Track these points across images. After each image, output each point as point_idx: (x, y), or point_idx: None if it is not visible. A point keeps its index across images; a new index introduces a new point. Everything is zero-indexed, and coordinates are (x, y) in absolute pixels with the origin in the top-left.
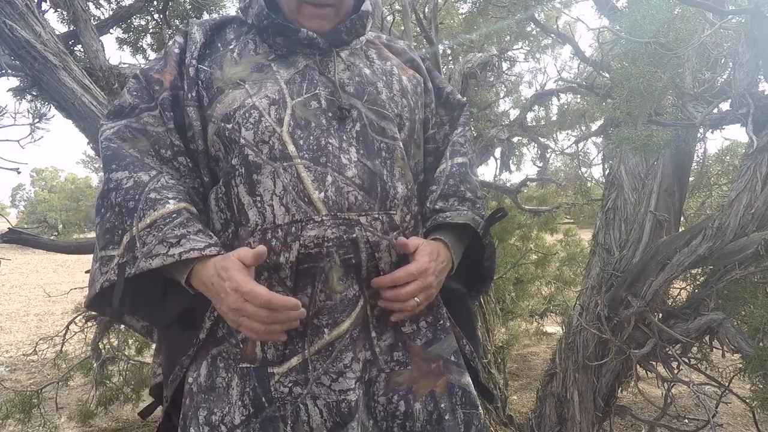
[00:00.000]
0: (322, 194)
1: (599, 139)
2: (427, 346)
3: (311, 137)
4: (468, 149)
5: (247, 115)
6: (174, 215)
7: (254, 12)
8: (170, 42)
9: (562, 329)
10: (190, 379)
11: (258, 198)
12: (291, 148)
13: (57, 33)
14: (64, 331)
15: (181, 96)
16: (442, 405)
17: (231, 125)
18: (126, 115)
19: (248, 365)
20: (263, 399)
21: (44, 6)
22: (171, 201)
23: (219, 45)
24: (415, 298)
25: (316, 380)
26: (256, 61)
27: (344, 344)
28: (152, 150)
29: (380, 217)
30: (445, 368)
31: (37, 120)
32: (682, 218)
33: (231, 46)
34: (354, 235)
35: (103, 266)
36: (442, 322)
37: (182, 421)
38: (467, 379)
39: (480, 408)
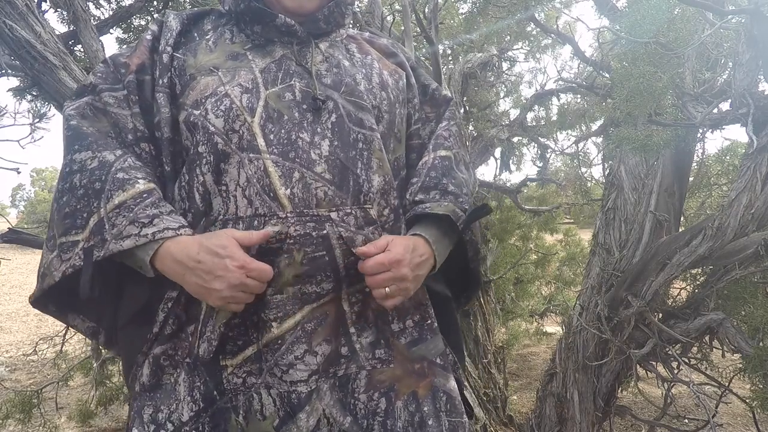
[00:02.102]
0: (288, 191)
1: (599, 139)
2: (411, 346)
3: (282, 131)
4: (453, 143)
5: (218, 102)
6: (145, 195)
7: None
8: (145, 30)
9: (562, 329)
10: (144, 378)
11: (224, 187)
12: (260, 141)
13: (57, 33)
14: (64, 331)
15: (147, 81)
16: (425, 408)
17: (199, 111)
18: (88, 93)
19: (196, 360)
20: (215, 392)
21: (44, 6)
22: (141, 181)
23: (195, 34)
24: (386, 289)
25: (269, 370)
26: (231, 49)
27: (296, 336)
28: (113, 131)
29: (353, 212)
30: (429, 370)
31: (37, 120)
32: (682, 218)
33: (207, 36)
34: (324, 231)
35: (63, 253)
36: (429, 321)
37: (128, 423)
38: (452, 384)
39: (466, 417)
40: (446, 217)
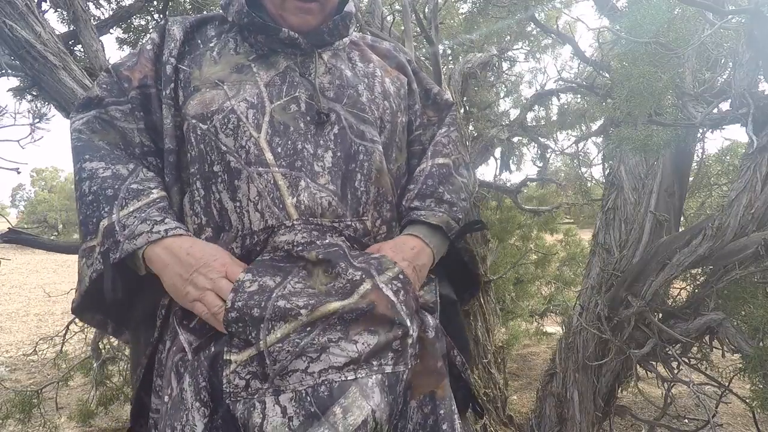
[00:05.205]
0: (295, 199)
1: (599, 139)
2: (435, 341)
3: (289, 142)
4: (451, 149)
5: (225, 120)
6: (157, 200)
7: (235, 9)
8: (145, 39)
9: (562, 329)
10: (166, 398)
11: (238, 204)
12: (269, 156)
13: (57, 33)
14: (64, 331)
15: (152, 94)
16: (441, 411)
17: (207, 126)
18: (94, 106)
19: (198, 351)
20: (219, 391)
21: (44, 6)
22: (154, 190)
23: (199, 42)
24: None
25: (280, 372)
26: (235, 61)
27: (329, 324)
28: (122, 143)
29: (353, 224)
30: (446, 370)
31: (37, 120)
32: (682, 218)
33: (211, 44)
34: (327, 241)
35: (87, 259)
36: (438, 322)
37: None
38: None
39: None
40: (439, 227)
